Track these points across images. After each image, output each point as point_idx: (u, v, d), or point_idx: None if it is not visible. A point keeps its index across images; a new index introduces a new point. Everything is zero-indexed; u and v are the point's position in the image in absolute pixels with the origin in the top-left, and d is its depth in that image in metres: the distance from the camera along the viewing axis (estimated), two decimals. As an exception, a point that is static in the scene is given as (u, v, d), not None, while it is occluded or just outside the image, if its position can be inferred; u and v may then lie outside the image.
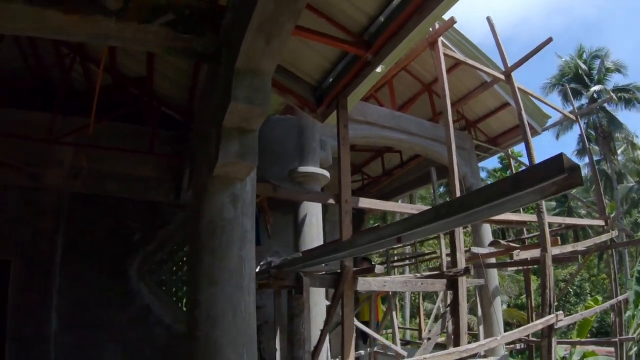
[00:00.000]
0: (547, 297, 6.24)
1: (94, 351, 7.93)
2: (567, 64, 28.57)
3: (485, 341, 6.41)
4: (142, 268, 8.34)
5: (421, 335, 10.15)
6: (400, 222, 2.86)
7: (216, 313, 2.95)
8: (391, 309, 8.35)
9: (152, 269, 8.50)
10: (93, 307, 7.98)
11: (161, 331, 8.32)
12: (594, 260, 26.45)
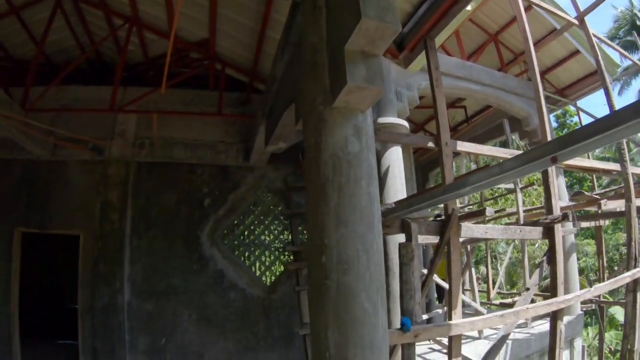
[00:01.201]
0: (633, 250, 5.90)
1: (169, 318, 7.88)
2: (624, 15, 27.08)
3: (581, 292, 6.08)
4: (214, 233, 8.16)
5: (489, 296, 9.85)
6: (553, 141, 2.50)
7: (348, 257, 2.65)
8: (469, 265, 8.01)
9: (224, 234, 8.32)
10: (166, 275, 7.91)
11: (236, 295, 8.17)
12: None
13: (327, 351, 2.63)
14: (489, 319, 4.17)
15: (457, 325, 3.84)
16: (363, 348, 2.62)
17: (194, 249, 8.05)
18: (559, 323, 4.85)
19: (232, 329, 8.07)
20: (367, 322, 2.64)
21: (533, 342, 7.02)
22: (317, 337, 2.71)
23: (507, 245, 17.34)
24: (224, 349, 7.99)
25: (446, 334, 3.80)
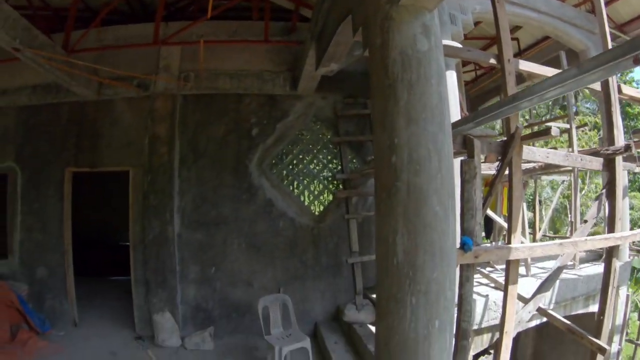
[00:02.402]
0: None
1: (219, 247, 7.92)
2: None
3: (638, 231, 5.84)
4: (262, 162, 8.03)
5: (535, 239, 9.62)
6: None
7: (420, 156, 2.46)
8: (522, 199, 7.71)
9: (272, 163, 8.21)
10: (215, 205, 7.91)
11: (285, 224, 8.10)
12: None
13: (395, 257, 2.49)
14: (547, 247, 3.98)
15: (517, 249, 3.66)
16: (433, 255, 2.47)
17: (242, 178, 7.99)
18: (614, 261, 4.66)
19: (280, 257, 8.07)
20: (438, 228, 2.48)
21: (580, 284, 6.85)
22: (383, 244, 2.56)
23: (552, 191, 16.96)
24: (273, 277, 8.03)
25: (506, 257, 3.62)
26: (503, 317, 3.89)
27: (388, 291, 2.52)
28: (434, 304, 2.48)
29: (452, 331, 2.62)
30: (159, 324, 7.42)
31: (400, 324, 2.50)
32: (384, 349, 2.62)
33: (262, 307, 6.58)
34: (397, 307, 2.50)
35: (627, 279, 7.81)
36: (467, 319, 3.51)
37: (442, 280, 2.48)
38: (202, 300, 7.84)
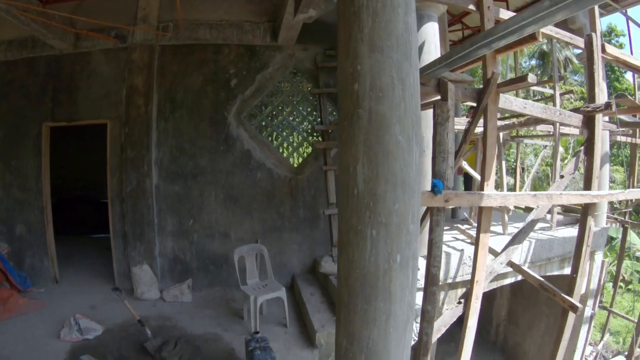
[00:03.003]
0: None
1: (196, 199, 7.90)
2: None
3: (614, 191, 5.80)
4: (240, 114, 7.91)
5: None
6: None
7: (382, 84, 2.34)
8: (501, 158, 7.68)
9: (251, 114, 8.09)
10: (192, 156, 7.83)
11: (263, 175, 8.08)
12: None
13: (356, 187, 2.39)
14: (521, 196, 3.92)
15: (490, 196, 3.58)
16: (394, 185, 2.37)
17: (220, 129, 7.89)
18: (589, 219, 4.60)
19: (258, 209, 8.07)
20: (400, 157, 2.38)
21: (555, 245, 6.84)
22: (345, 174, 2.46)
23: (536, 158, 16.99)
24: (250, 229, 8.04)
25: (477, 203, 3.54)
26: (474, 266, 3.85)
27: (348, 223, 2.43)
28: (395, 237, 2.39)
29: (415, 268, 2.54)
30: (138, 276, 7.41)
31: (360, 257, 2.42)
32: (344, 283, 2.54)
33: (237, 258, 6.56)
34: (357, 240, 2.41)
35: (603, 245, 7.85)
36: (436, 265, 3.45)
37: (404, 213, 2.39)
38: (180, 252, 7.84)
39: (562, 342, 4.78)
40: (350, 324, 2.60)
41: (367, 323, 2.53)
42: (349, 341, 2.64)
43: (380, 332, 2.54)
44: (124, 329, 6.25)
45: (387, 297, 2.46)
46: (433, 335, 3.91)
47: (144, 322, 6.01)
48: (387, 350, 2.60)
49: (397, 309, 2.51)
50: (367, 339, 2.56)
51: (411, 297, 2.56)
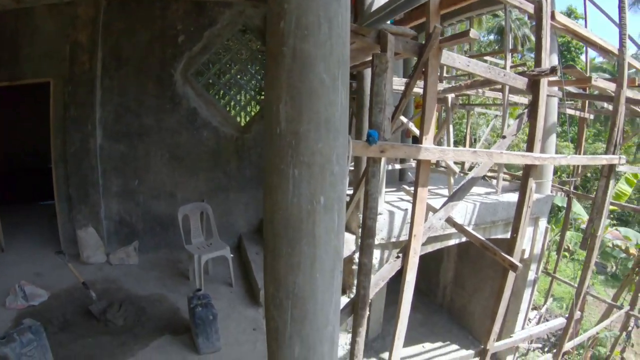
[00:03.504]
0: (615, 136, 5.67)
1: (141, 159, 7.71)
2: None
3: (557, 155, 5.91)
4: (187, 71, 7.70)
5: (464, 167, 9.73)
6: None
7: (308, 22, 2.24)
8: (448, 122, 7.69)
9: (198, 72, 7.89)
10: (138, 115, 7.58)
11: (209, 134, 7.93)
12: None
13: (279, 126, 2.31)
14: (460, 152, 3.91)
15: (428, 149, 3.55)
16: (318, 124, 2.30)
17: (166, 87, 7.66)
18: (530, 180, 4.67)
19: (204, 168, 7.96)
20: (324, 96, 2.30)
21: (500, 209, 6.94)
22: (269, 114, 2.38)
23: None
24: (196, 189, 7.94)
25: (414, 156, 3.51)
26: (412, 220, 3.83)
27: (271, 163, 2.36)
28: (318, 177, 2.33)
29: (341, 212, 2.49)
30: (83, 240, 7.24)
31: (282, 199, 2.36)
32: (269, 227, 2.49)
33: (182, 216, 6.47)
34: (280, 181, 2.34)
35: (547, 212, 7.99)
36: (372, 217, 3.42)
37: (327, 154, 2.32)
38: (125, 214, 7.69)
39: (503, 301, 4.88)
40: (275, 269, 2.55)
41: (292, 268, 2.48)
42: (275, 287, 2.60)
43: (306, 277, 2.49)
44: (69, 294, 6.13)
45: (312, 240, 2.41)
46: (371, 290, 3.91)
47: (90, 286, 5.95)
48: (314, 296, 2.56)
49: (323, 253, 2.46)
50: (292, 284, 2.52)
51: (337, 242, 2.52)
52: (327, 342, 2.80)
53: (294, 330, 2.66)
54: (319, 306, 2.60)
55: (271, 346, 2.87)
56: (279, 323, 2.67)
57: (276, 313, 2.66)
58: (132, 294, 6.40)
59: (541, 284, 16.60)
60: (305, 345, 2.72)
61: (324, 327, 2.70)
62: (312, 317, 2.62)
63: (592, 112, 9.74)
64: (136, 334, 5.47)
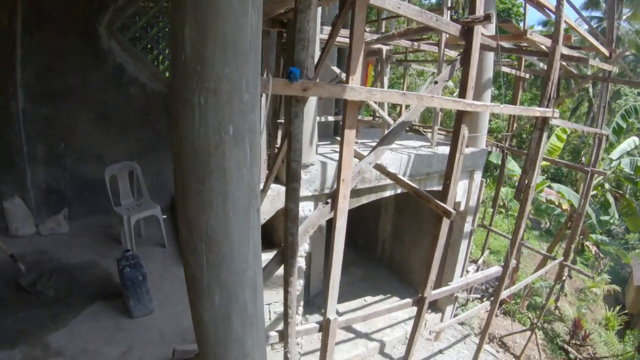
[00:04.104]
0: (549, 90, 5.68)
1: (66, 121, 7.21)
2: None
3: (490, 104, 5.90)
4: (112, 25, 7.21)
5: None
6: None
7: None
8: (382, 75, 7.56)
9: (124, 26, 7.41)
10: (61, 74, 7.03)
11: (137, 91, 7.54)
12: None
13: (183, 52, 2.06)
14: (388, 93, 3.75)
15: (353, 89, 3.37)
16: (224, 48, 2.06)
17: (91, 42, 7.15)
18: (462, 127, 4.60)
19: (132, 127, 7.59)
20: (232, 18, 2.07)
21: (435, 161, 6.92)
22: (174, 41, 2.12)
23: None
24: (125, 149, 7.56)
25: (340, 95, 3.33)
26: (339, 164, 3.68)
27: (177, 93, 2.11)
28: (226, 105, 2.11)
29: (254, 145, 2.29)
30: (10, 212, 6.78)
31: (189, 130, 2.13)
32: (178, 162, 2.26)
33: (109, 177, 6.17)
34: (186, 110, 2.11)
35: (482, 165, 8.07)
36: (297, 159, 3.24)
37: (236, 80, 2.10)
38: (53, 181, 7.23)
39: (438, 248, 4.86)
40: (186, 209, 2.33)
41: (204, 207, 2.27)
42: (188, 230, 2.39)
43: (219, 216, 2.29)
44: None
45: (222, 175, 2.20)
46: (300, 237, 3.77)
47: (20, 259, 5.63)
48: (229, 237, 2.37)
49: (235, 189, 2.26)
50: (205, 225, 2.31)
51: (251, 177, 2.32)
52: (249, 288, 2.63)
53: (212, 276, 2.47)
54: (236, 248, 2.41)
55: (190, 296, 2.68)
56: (195, 270, 2.48)
57: (191, 259, 2.45)
58: (63, 263, 6.10)
59: (478, 238, 17.11)
60: (225, 293, 2.54)
61: (243, 272, 2.53)
62: (230, 261, 2.44)
63: (528, 71, 9.87)
64: (68, 303, 5.23)
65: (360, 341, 8.04)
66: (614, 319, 15.03)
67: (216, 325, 2.65)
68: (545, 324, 12.66)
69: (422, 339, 8.78)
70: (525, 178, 6.31)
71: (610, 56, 7.69)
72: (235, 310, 2.60)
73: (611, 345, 13.18)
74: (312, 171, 5.27)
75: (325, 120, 6.44)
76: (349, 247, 11.34)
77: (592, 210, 12.01)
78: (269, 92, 2.74)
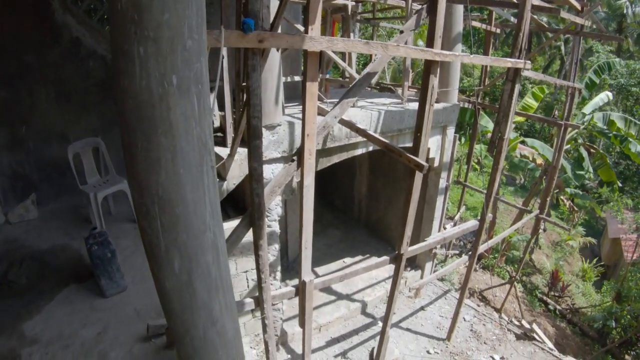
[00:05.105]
0: (520, 41, 5.55)
1: (25, 102, 6.86)
2: None
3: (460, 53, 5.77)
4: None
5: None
6: None
7: None
8: (348, 32, 7.35)
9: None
10: (16, 55, 6.65)
11: (95, 64, 7.23)
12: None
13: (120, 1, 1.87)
14: (351, 42, 3.57)
15: (313, 39, 3.19)
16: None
17: (44, 18, 6.77)
18: (431, 77, 4.47)
19: (94, 102, 7.29)
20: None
21: (407, 117, 6.79)
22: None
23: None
24: (89, 125, 7.27)
25: (299, 45, 3.15)
26: (303, 118, 3.51)
27: (116, 45, 1.94)
28: (168, 55, 1.94)
29: (201, 95, 2.13)
30: (-24, 202, 6.46)
31: (130, 83, 1.96)
32: (122, 120, 2.09)
33: (72, 155, 5.94)
34: (126, 62, 1.94)
35: (454, 120, 7.97)
36: (257, 115, 3.07)
37: (177, 25, 1.93)
38: (17, 166, 6.94)
39: (412, 203, 4.76)
40: (135, 170, 2.16)
41: (152, 165, 2.10)
42: (139, 192, 2.22)
43: (169, 174, 2.13)
44: None
45: (169, 129, 2.03)
46: (267, 198, 3.63)
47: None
48: (182, 196, 2.22)
49: (184, 144, 2.10)
50: (155, 185, 2.15)
51: (201, 131, 2.16)
52: (210, 250, 2.49)
53: (168, 240, 2.33)
54: (191, 208, 2.26)
55: (150, 265, 2.53)
56: (151, 235, 2.33)
57: (145, 223, 2.30)
58: (34, 250, 5.94)
59: (454, 195, 17.23)
60: (185, 257, 2.40)
61: (202, 234, 2.38)
62: (186, 223, 2.29)
63: (498, 25, 9.72)
64: (41, 289, 5.13)
65: (342, 302, 8.02)
66: (591, 270, 15.45)
67: (180, 292, 2.52)
68: (524, 277, 12.88)
69: (404, 297, 8.81)
70: (498, 131, 6.24)
71: (582, 10, 7.59)
72: (197, 274, 2.47)
73: (589, 296, 13.54)
74: (280, 132, 5.09)
75: (292, 80, 6.23)
76: (325, 209, 11.36)
77: (567, 164, 12.10)
78: (222, 44, 2.56)
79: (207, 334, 2.74)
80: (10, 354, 4.11)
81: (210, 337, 2.78)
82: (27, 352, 4.14)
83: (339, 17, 7.82)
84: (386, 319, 5.65)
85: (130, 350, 4.18)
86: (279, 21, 3.23)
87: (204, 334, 2.74)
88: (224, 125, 4.97)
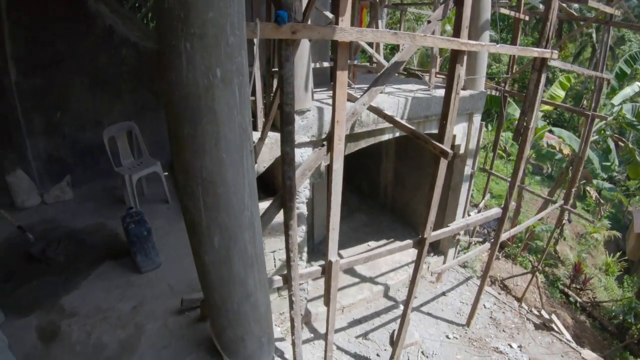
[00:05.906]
0: (547, 30, 5.56)
1: (61, 89, 7.08)
2: None
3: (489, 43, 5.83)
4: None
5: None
6: None
7: None
8: (377, 19, 7.45)
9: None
10: (50, 44, 6.86)
11: (128, 52, 7.41)
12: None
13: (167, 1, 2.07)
14: (380, 33, 3.71)
15: (344, 29, 3.35)
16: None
17: (78, 8, 6.96)
18: (457, 66, 4.54)
19: (127, 89, 7.51)
20: (212, -40, 2.06)
21: (433, 104, 6.89)
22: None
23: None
24: (122, 112, 7.48)
25: (330, 36, 3.31)
26: (333, 106, 3.68)
27: (164, 40, 2.14)
28: (212, 49, 2.13)
29: (242, 86, 2.32)
30: (14, 185, 6.78)
31: (178, 76, 2.16)
32: (170, 111, 2.31)
33: (107, 139, 6.17)
34: (173, 57, 2.14)
35: (481, 108, 8.02)
36: (289, 102, 3.25)
37: (221, 23, 2.12)
38: (53, 150, 7.21)
39: (437, 189, 4.88)
40: (181, 155, 2.38)
41: (197, 151, 2.32)
42: (184, 175, 2.44)
43: (213, 159, 2.34)
44: (9, 243, 5.76)
45: (213, 118, 2.24)
46: (298, 180, 3.82)
47: (29, 229, 5.72)
48: (224, 178, 2.42)
49: (227, 131, 2.30)
50: (200, 168, 2.36)
51: (242, 119, 2.35)
52: (248, 229, 2.70)
53: (210, 219, 2.54)
54: (232, 190, 2.47)
55: (192, 242, 2.76)
56: (194, 214, 2.55)
57: (190, 204, 2.52)
58: (71, 229, 6.16)
59: (479, 183, 17.19)
60: (225, 234, 2.62)
61: (240, 213, 2.59)
62: (226, 203, 2.50)
63: (527, 13, 9.66)
64: (78, 267, 5.32)
65: (365, 285, 8.22)
66: (614, 264, 15.23)
67: (218, 267, 2.74)
68: (547, 267, 12.86)
69: (425, 282, 8.97)
70: (524, 120, 6.30)
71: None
72: (235, 251, 2.68)
73: (611, 290, 13.42)
74: (309, 117, 5.27)
75: (321, 66, 6.37)
76: (352, 194, 11.55)
77: (595, 155, 11.98)
78: (257, 36, 2.73)
79: (241, 307, 2.97)
80: (50, 326, 4.31)
81: (244, 310, 3.00)
82: (67, 323, 4.35)
83: (367, 4, 7.90)
84: (407, 302, 5.82)
85: (165, 323, 4.39)
86: (310, 12, 3.39)
87: (238, 307, 2.96)
88: (255, 110, 5.16)
